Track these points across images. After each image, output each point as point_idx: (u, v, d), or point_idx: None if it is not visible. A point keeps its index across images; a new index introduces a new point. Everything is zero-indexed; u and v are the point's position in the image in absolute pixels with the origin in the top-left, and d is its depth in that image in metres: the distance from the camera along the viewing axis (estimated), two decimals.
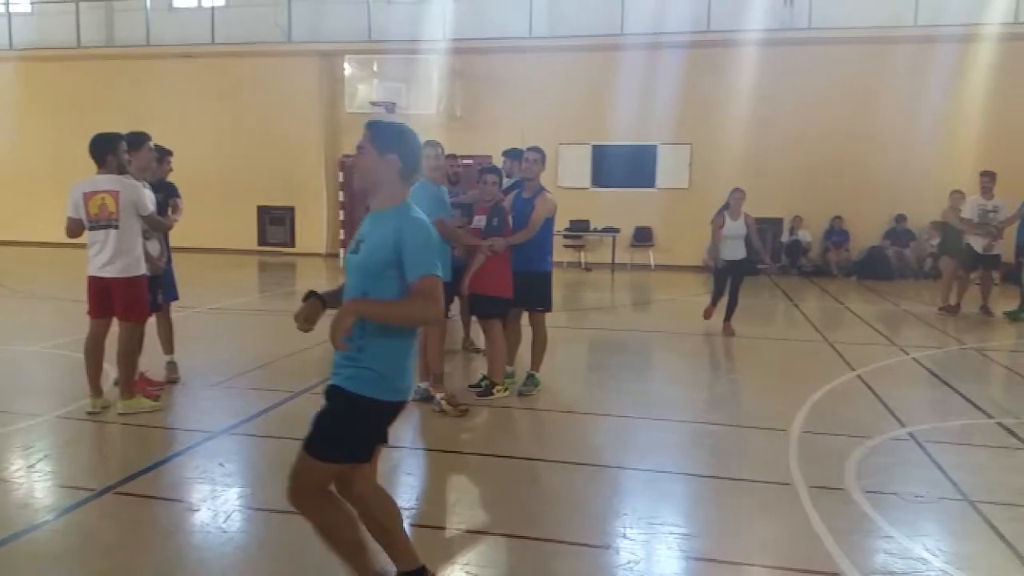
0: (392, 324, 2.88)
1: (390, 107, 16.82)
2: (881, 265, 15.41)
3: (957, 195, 11.32)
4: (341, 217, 18.18)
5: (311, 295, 3.03)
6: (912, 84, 15.25)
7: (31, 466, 4.79)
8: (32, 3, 19.41)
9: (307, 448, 2.91)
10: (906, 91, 15.30)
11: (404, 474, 4.92)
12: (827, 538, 3.85)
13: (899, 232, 15.60)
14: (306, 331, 2.98)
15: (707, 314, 9.60)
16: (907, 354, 8.43)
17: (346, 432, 2.90)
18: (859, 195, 15.83)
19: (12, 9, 19.20)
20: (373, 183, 2.96)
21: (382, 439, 3.03)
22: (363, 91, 17.06)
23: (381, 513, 3.13)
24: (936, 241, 14.20)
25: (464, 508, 4.37)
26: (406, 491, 4.67)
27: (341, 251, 18.05)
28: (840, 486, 4.54)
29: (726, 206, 9.23)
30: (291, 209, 18.57)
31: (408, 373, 2.98)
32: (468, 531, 4.00)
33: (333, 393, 2.94)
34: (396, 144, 2.93)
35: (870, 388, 6.84)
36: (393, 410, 2.98)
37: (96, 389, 5.74)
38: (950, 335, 9.64)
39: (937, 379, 7.35)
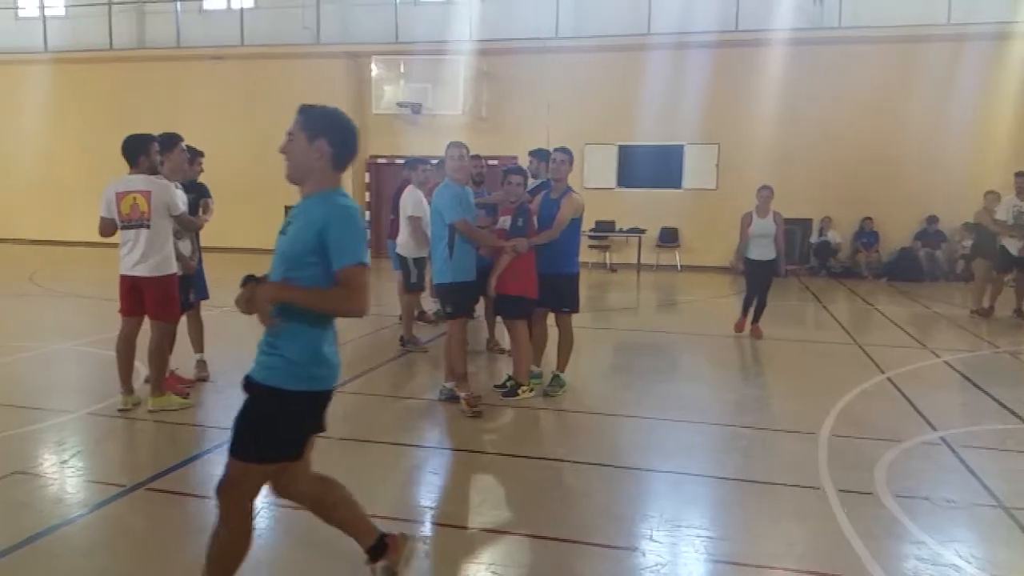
0: (311, 311, 2.76)
1: (416, 108, 16.91)
2: (912, 267, 15.19)
3: (991, 196, 11.11)
4: (367, 217, 18.30)
5: (249, 279, 2.94)
6: (944, 83, 15.02)
7: (64, 462, 4.87)
8: (66, 6, 19.73)
9: (233, 451, 2.79)
10: (938, 90, 15.08)
11: (429, 473, 4.94)
12: (856, 542, 3.80)
13: (930, 233, 15.37)
14: (248, 314, 2.86)
15: (739, 327, 9.28)
16: (939, 357, 8.30)
17: (266, 428, 2.77)
18: (890, 196, 15.62)
19: (47, 12, 19.53)
20: (303, 170, 2.81)
21: (313, 430, 2.92)
22: (390, 92, 17.17)
23: (336, 502, 3.10)
24: (968, 243, 13.97)
25: (489, 508, 4.37)
26: (431, 490, 4.69)
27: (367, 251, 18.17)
28: (870, 490, 4.48)
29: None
30: None
31: (325, 361, 2.83)
32: (493, 531, 4.00)
33: (247, 385, 2.82)
34: (327, 129, 2.79)
35: (901, 391, 6.75)
36: (313, 400, 2.84)
37: (127, 386, 5.82)
38: (983, 338, 9.48)
39: (970, 383, 7.24)
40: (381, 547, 3.19)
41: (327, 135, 2.78)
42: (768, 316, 9.36)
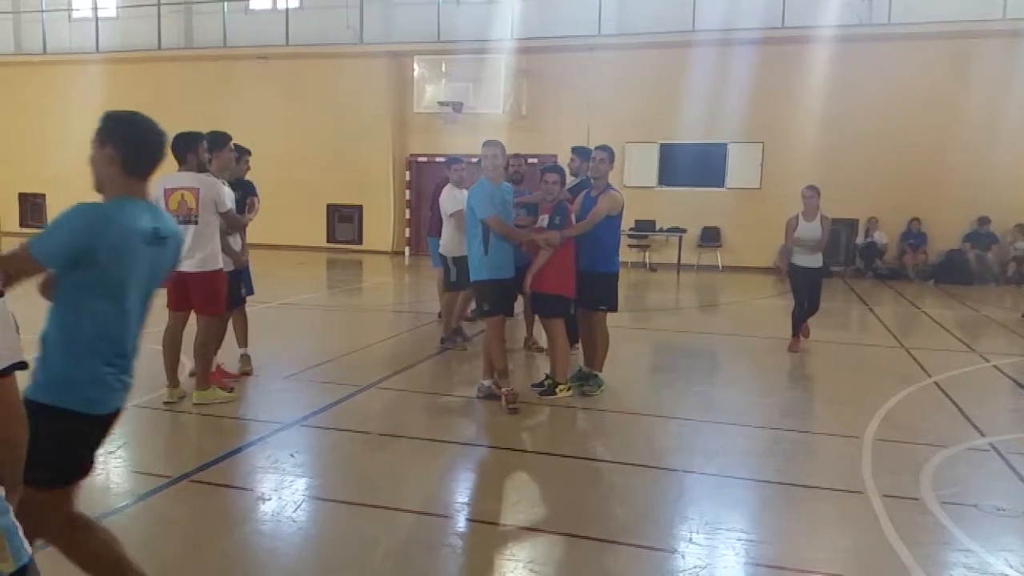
0: (68, 314, 2.52)
1: (457, 106, 16.97)
2: (961, 269, 14.82)
3: None
4: (407, 216, 18.45)
5: None
6: (998, 80, 14.62)
7: (111, 452, 4.97)
8: (118, 7, 20.21)
9: None
10: (991, 88, 14.66)
11: (466, 470, 4.97)
12: (901, 549, 3.72)
13: (981, 235, 14.97)
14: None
15: (792, 347, 8.51)
16: (988, 361, 8.09)
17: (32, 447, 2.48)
18: (939, 196, 15.25)
19: (100, 14, 20.03)
20: (99, 177, 2.70)
21: (69, 463, 2.54)
22: (431, 91, 17.27)
23: (84, 557, 2.66)
24: (1021, 244, 13.61)
25: (526, 506, 4.37)
26: (468, 487, 4.71)
27: (407, 249, 18.32)
28: (915, 496, 4.39)
29: None
30: (359, 207, 18.89)
31: (99, 381, 2.54)
32: (530, 529, 4.00)
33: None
34: (113, 134, 2.66)
35: (948, 396, 6.59)
36: (83, 426, 2.52)
37: (173, 380, 5.94)
38: None
39: (1020, 388, 7.05)
40: None
41: (113, 140, 2.66)
42: (813, 318, 9.14)
